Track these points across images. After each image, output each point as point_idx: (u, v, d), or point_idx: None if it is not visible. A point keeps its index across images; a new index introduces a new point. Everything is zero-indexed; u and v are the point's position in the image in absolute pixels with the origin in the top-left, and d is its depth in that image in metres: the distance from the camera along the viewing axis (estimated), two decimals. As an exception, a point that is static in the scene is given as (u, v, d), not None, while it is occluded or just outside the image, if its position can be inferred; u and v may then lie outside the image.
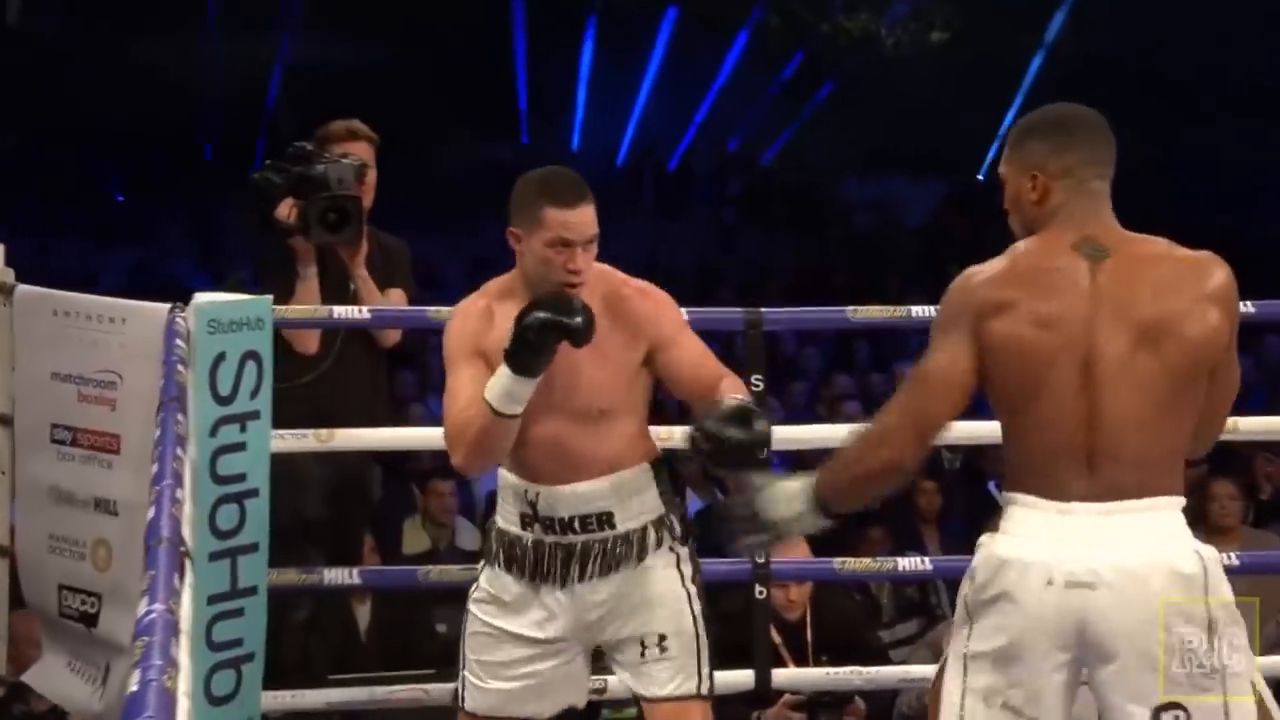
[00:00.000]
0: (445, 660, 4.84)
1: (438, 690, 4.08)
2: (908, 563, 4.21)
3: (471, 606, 3.24)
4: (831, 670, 4.12)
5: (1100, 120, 2.72)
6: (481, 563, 3.27)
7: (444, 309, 4.26)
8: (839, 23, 17.24)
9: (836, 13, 16.92)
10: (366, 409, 4.28)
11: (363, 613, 5.17)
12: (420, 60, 14.81)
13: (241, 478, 3.26)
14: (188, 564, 2.23)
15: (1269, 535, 5.55)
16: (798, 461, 6.43)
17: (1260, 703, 2.63)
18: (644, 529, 3.14)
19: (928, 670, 4.11)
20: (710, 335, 8.93)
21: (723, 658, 4.20)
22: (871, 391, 8.03)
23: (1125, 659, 2.54)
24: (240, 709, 3.33)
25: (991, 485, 6.29)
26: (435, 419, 7.21)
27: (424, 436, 4.72)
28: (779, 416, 6.43)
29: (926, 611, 5.45)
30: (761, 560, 4.00)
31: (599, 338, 3.00)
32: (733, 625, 4.60)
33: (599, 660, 3.31)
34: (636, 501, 3.14)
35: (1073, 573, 2.54)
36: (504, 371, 2.94)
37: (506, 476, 3.19)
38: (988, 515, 5.67)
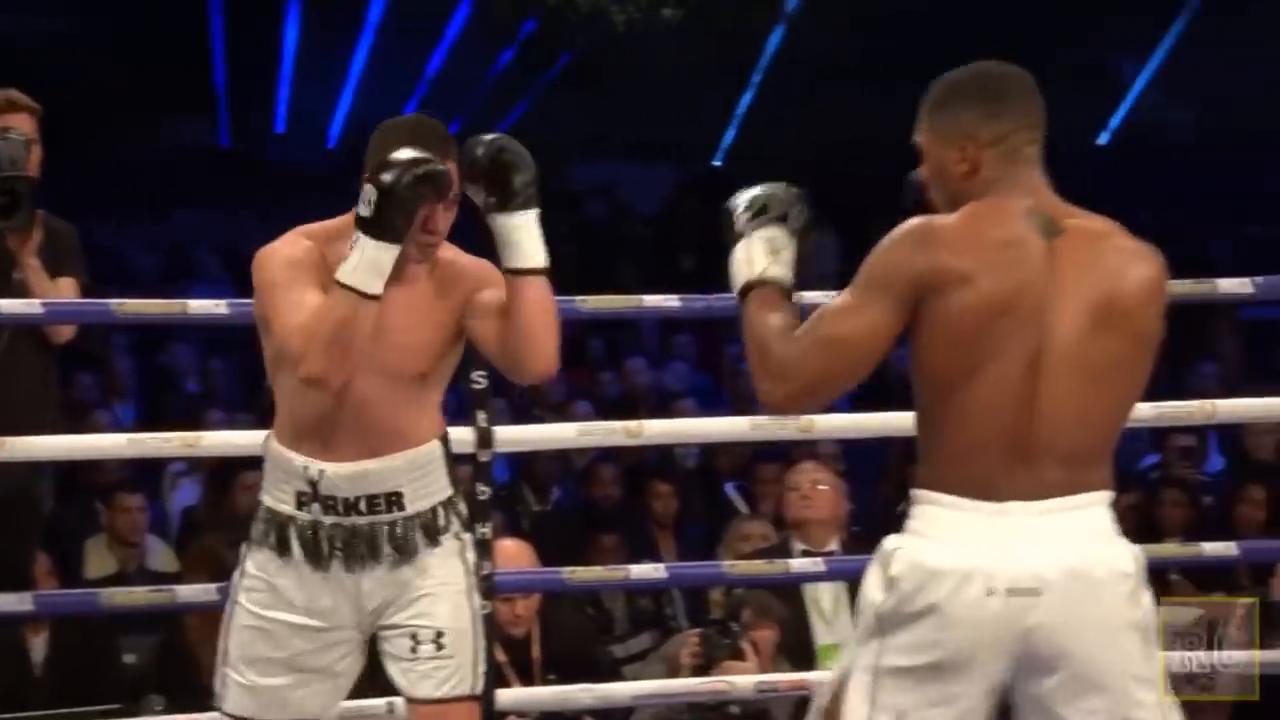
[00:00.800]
0: (133, 694, 4.70)
1: (126, 728, 3.96)
2: (641, 570, 4.20)
3: (240, 598, 3.09)
4: (560, 689, 4.09)
5: (1030, 80, 2.63)
6: (244, 547, 3.13)
7: (129, 301, 4.15)
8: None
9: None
10: (36, 413, 4.15)
11: (38, 644, 5.00)
12: (103, 33, 14.37)
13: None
14: None
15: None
16: (522, 463, 6.38)
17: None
18: (433, 510, 3.07)
19: (663, 686, 4.13)
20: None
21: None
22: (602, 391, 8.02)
23: (1074, 668, 2.48)
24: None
25: (729, 488, 6.34)
26: (120, 426, 7.04)
27: (110, 445, 4.58)
28: (505, 417, 6.40)
29: (661, 624, 5.46)
30: (485, 573, 3.96)
31: (421, 298, 2.99)
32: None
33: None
34: (427, 481, 3.06)
35: (1016, 579, 2.47)
36: (365, 242, 2.84)
37: (279, 451, 3.05)
38: (726, 519, 5.80)
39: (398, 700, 4.00)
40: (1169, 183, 14.82)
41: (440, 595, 3.06)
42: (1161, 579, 5.17)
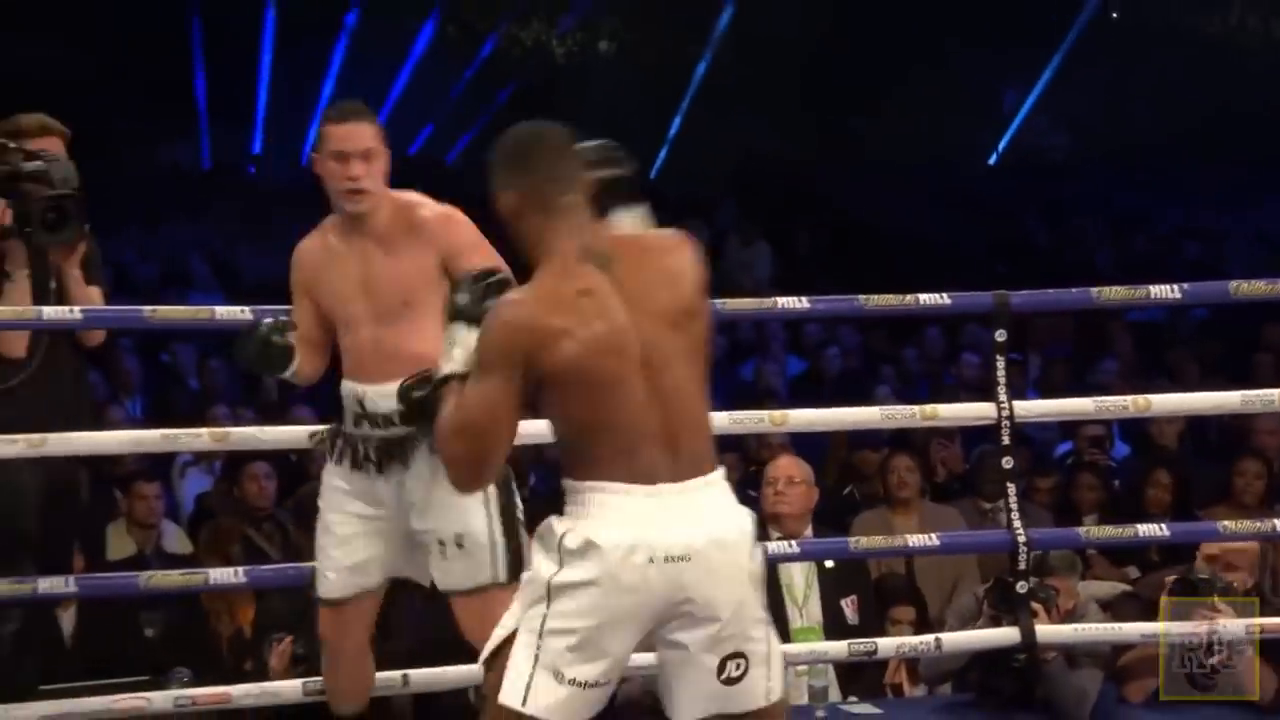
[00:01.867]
0: (156, 666, 4.61)
1: (160, 698, 3.86)
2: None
3: (320, 505, 3.47)
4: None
5: (559, 135, 2.75)
6: (324, 471, 3.50)
7: (161, 309, 4.08)
8: (512, 32, 17.28)
9: (506, 22, 16.92)
10: (72, 412, 4.07)
11: (66, 620, 4.90)
12: (94, 61, 14.17)
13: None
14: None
15: (947, 509, 5.70)
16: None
17: None
18: None
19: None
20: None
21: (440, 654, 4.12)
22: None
23: (718, 618, 2.64)
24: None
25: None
26: (135, 421, 6.92)
27: (131, 439, 4.49)
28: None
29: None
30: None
31: (389, 243, 3.36)
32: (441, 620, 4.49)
33: None
34: None
35: (670, 548, 2.62)
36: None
37: (344, 382, 3.43)
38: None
39: (412, 672, 3.96)
40: (1051, 197, 14.93)
41: (455, 506, 3.30)
42: (1082, 556, 5.20)
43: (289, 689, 3.91)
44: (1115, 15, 16.94)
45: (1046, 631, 4.12)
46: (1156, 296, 4.12)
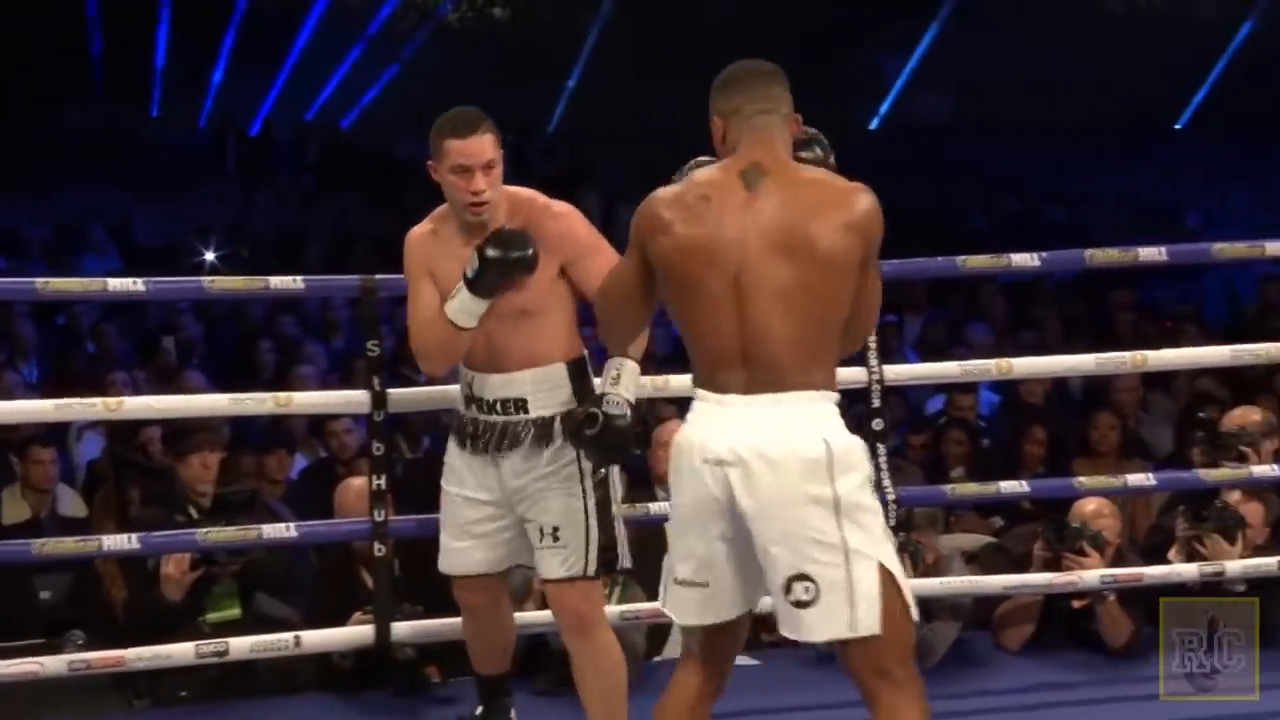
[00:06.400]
0: (50, 628, 4.53)
1: (52, 663, 3.80)
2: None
3: (442, 482, 3.53)
4: (449, 620, 4.00)
5: (768, 68, 2.89)
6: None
7: (54, 281, 4.00)
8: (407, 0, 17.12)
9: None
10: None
11: (-39, 585, 4.79)
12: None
13: None
14: None
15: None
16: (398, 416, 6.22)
17: (892, 583, 2.73)
18: (554, 418, 3.39)
19: (538, 616, 4.04)
20: (329, 304, 8.51)
21: (334, 615, 4.10)
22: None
23: (764, 530, 2.71)
24: None
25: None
26: (30, 387, 6.79)
27: (24, 410, 4.41)
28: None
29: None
30: (380, 519, 3.88)
31: None
32: (337, 581, 4.46)
33: None
34: (551, 394, 3.40)
35: (716, 452, 2.73)
36: (464, 293, 3.30)
37: (460, 365, 3.49)
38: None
39: (304, 634, 3.92)
40: (930, 162, 15.07)
41: (554, 496, 3.39)
42: (948, 510, 5.27)
43: (181, 651, 3.86)
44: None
45: (913, 585, 4.15)
46: (1018, 265, 4.17)
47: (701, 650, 2.86)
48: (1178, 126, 17.55)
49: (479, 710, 3.75)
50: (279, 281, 3.96)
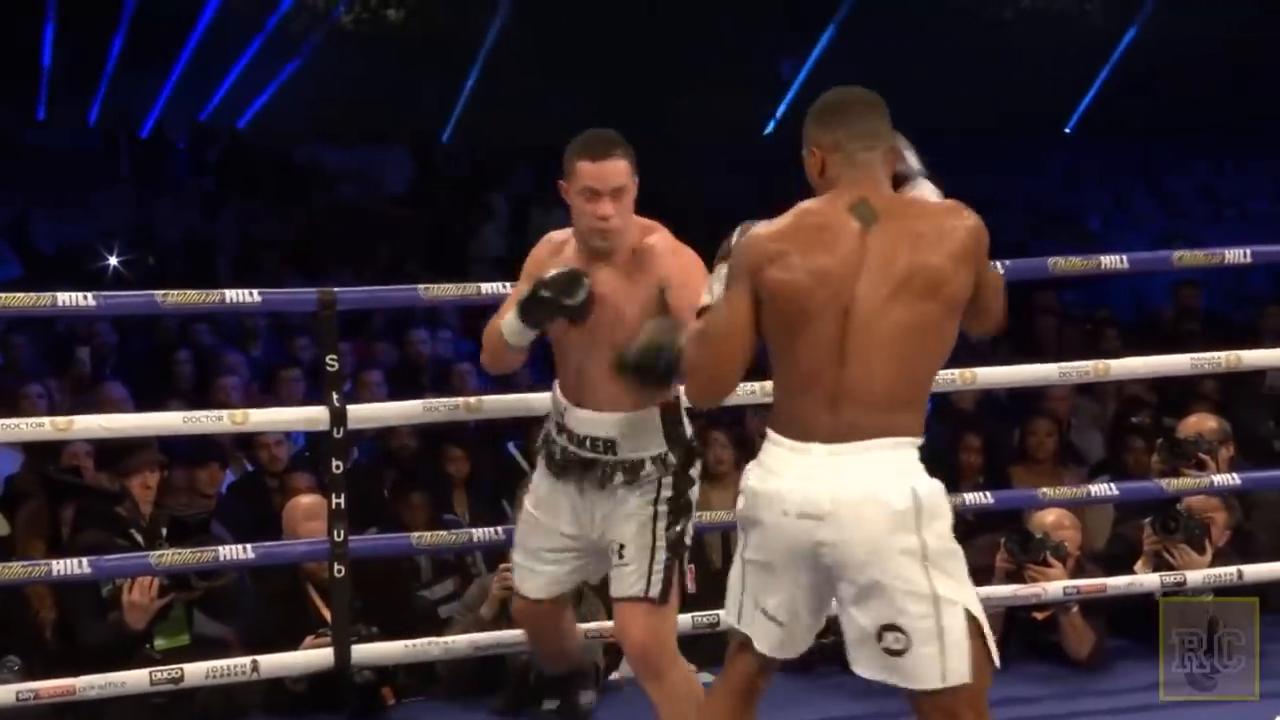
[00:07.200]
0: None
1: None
2: (482, 533, 4.02)
3: (526, 502, 3.53)
4: (411, 643, 3.90)
5: (868, 99, 2.83)
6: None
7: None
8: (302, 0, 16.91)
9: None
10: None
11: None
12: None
13: None
14: None
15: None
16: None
17: (977, 629, 2.71)
18: (642, 461, 3.36)
19: (497, 637, 3.95)
20: (281, 318, 8.27)
21: (281, 635, 3.97)
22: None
23: (855, 581, 2.70)
24: None
25: (510, 446, 6.16)
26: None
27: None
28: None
29: (463, 570, 5.27)
30: (340, 539, 3.76)
31: (629, 280, 3.29)
32: (283, 602, 4.32)
33: None
34: (641, 437, 3.36)
35: (802, 505, 2.71)
36: (513, 319, 3.31)
37: (556, 384, 3.45)
38: (510, 474, 5.62)
39: (261, 658, 3.79)
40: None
41: (626, 519, 3.36)
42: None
43: (135, 679, 3.73)
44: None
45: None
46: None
47: (760, 665, 2.89)
48: (1067, 130, 17.82)
49: (555, 704, 3.95)
50: (235, 294, 3.83)
